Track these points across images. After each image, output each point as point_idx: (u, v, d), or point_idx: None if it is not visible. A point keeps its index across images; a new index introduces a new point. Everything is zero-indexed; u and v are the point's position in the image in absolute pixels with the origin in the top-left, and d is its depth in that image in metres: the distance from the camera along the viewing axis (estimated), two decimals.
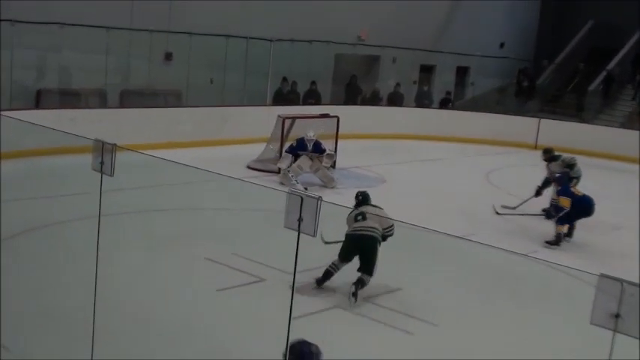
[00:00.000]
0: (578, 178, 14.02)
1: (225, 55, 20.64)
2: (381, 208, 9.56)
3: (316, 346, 4.97)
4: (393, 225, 9.28)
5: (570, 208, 11.96)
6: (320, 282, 9.05)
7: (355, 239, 9.06)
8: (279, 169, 15.39)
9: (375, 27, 24.85)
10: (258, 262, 9.50)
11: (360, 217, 9.15)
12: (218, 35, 19.95)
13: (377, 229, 9.09)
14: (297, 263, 5.09)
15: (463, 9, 28.44)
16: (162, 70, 19.93)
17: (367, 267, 8.92)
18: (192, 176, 10.72)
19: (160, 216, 11.88)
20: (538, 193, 14.18)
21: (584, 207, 12.10)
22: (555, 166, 14.10)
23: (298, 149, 15.28)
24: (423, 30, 26.52)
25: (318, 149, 15.38)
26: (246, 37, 20.60)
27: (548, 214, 12.87)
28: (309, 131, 15.42)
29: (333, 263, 9.07)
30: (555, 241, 11.97)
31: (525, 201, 14.16)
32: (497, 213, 14.00)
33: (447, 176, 17.15)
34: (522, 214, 13.81)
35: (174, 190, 12.74)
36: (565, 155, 14.60)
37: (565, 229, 12.21)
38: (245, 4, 21.07)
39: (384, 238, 9.19)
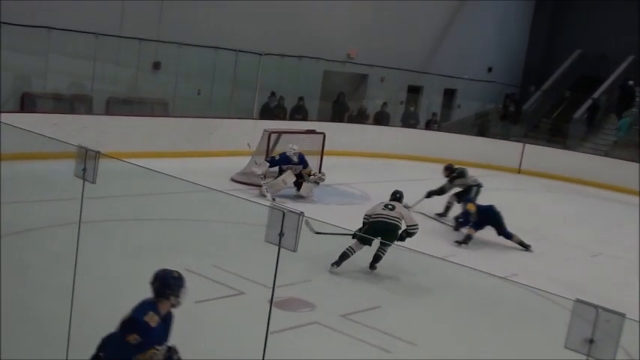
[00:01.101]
0: (478, 186, 15.13)
1: (213, 66, 20.65)
2: (409, 209, 11.44)
3: (178, 272, 5.48)
4: (417, 225, 10.70)
5: (477, 216, 13.12)
6: (338, 263, 10.21)
7: (379, 224, 10.46)
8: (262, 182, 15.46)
9: (364, 46, 24.95)
10: (238, 275, 9.47)
11: (390, 207, 10.71)
12: (207, 47, 19.98)
13: (400, 220, 10.52)
14: (277, 278, 5.08)
15: (453, 32, 28.62)
16: (149, 79, 19.91)
17: (386, 245, 10.28)
18: (175, 187, 10.69)
19: (140, 225, 11.81)
20: (429, 195, 15.41)
21: (489, 215, 13.23)
22: (458, 183, 15.20)
23: (282, 163, 15.26)
24: (412, 51, 26.65)
25: (302, 161, 15.45)
26: (235, 50, 20.62)
27: (457, 223, 13.94)
28: (293, 144, 15.44)
29: (350, 246, 10.24)
30: (464, 241, 13.02)
31: (418, 202, 15.17)
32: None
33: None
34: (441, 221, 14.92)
35: (156, 200, 12.68)
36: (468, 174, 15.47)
37: (474, 232, 13.11)
38: (236, 17, 21.12)
39: (409, 234, 10.57)
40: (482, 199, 14.18)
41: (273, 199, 14.32)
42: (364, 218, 10.84)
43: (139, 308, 5.28)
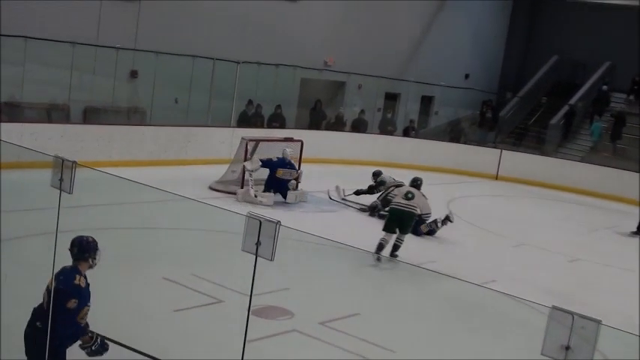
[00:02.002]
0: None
1: (190, 75, 20.61)
2: (426, 198, 12.69)
3: (92, 237, 5.96)
4: (430, 213, 13.03)
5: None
6: (378, 254, 11.59)
7: (398, 213, 11.99)
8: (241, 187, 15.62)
9: (341, 54, 24.99)
10: (216, 283, 9.46)
11: (410, 195, 12.13)
12: (184, 55, 19.94)
13: (416, 208, 12.15)
14: (255, 286, 5.08)
15: (429, 39, 28.72)
16: (126, 87, 19.84)
17: (404, 232, 11.92)
18: (152, 196, 10.66)
19: (118, 234, 11.75)
20: (358, 192, 16.68)
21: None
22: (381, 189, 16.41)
23: (278, 166, 15.58)
24: (389, 58, 26.72)
25: (292, 167, 15.86)
26: (212, 58, 20.59)
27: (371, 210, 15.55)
28: (288, 148, 15.95)
29: (383, 237, 11.74)
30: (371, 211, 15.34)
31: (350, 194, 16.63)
32: (331, 199, 16.49)
33: None
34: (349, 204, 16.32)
35: (134, 209, 12.63)
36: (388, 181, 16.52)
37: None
38: (213, 26, 21.11)
39: (422, 221, 12.93)
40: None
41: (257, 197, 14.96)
42: (390, 196, 13.15)
43: (66, 275, 5.74)
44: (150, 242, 11.62)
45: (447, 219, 14.27)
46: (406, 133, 25.82)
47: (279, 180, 15.60)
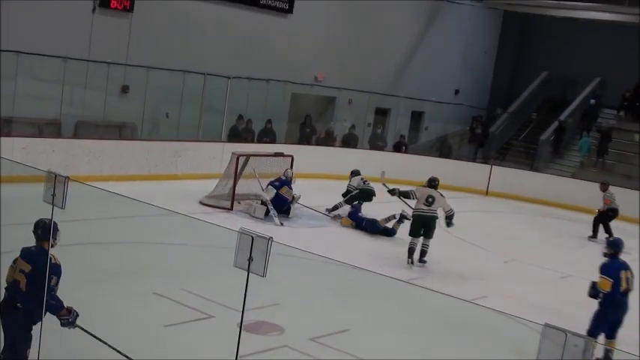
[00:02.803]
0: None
1: (181, 90, 20.63)
2: (444, 197, 13.43)
3: (53, 220, 6.25)
4: (452, 209, 13.43)
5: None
6: (410, 258, 13.07)
7: (422, 219, 13.14)
8: (231, 204, 15.71)
9: (332, 69, 25.06)
10: (207, 298, 9.45)
11: (430, 200, 13.11)
12: (175, 70, 19.97)
13: (436, 210, 13.16)
14: (247, 301, 5.09)
15: (420, 55, 28.83)
16: (118, 102, 19.84)
17: (428, 237, 13.14)
18: (143, 210, 10.67)
19: (109, 249, 11.76)
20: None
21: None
22: (354, 181, 17.26)
23: (285, 184, 15.96)
24: (379, 74, 26.81)
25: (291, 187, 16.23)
26: (203, 73, 20.63)
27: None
28: (288, 171, 16.44)
29: (411, 242, 13.11)
30: (333, 209, 16.60)
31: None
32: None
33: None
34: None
35: (125, 224, 12.62)
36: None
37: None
38: (204, 41, 21.16)
39: (449, 217, 13.40)
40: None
41: (282, 224, 15.22)
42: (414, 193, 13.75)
43: (41, 256, 6.24)
44: (140, 257, 11.61)
45: (402, 219, 15.12)
46: (397, 148, 25.86)
47: (281, 197, 15.84)
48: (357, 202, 16.88)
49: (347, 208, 16.77)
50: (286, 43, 23.59)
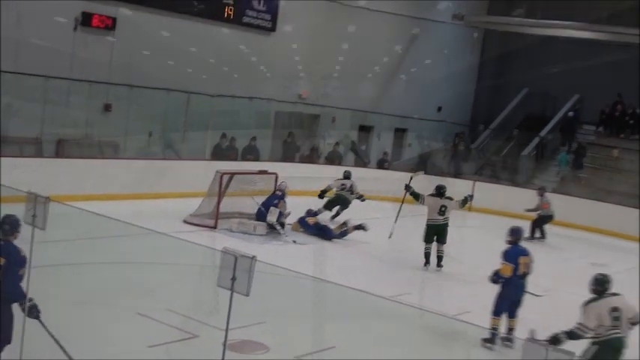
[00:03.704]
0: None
1: (165, 108, 20.59)
2: (452, 199, 14.66)
3: (15, 215, 6.72)
4: (462, 202, 14.92)
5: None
6: (426, 263, 14.42)
7: (436, 227, 14.36)
8: (215, 223, 15.72)
9: (315, 86, 25.10)
10: (191, 318, 9.38)
11: (443, 209, 14.35)
12: (158, 89, 19.93)
13: (449, 217, 14.46)
14: (231, 320, 5.06)
15: (402, 72, 28.93)
16: (100, 121, 19.76)
17: (443, 242, 14.43)
18: (126, 230, 10.62)
19: (92, 269, 11.66)
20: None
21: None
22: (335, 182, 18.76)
23: (281, 199, 16.29)
24: (362, 91, 26.85)
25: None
26: (186, 92, 20.60)
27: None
28: (283, 184, 16.70)
29: (426, 247, 14.39)
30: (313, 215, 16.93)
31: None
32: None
33: (382, 235, 17.17)
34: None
35: (107, 244, 12.54)
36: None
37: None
38: (186, 59, 21.15)
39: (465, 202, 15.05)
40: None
41: (294, 241, 15.66)
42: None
43: (10, 251, 6.61)
44: (124, 277, 11.52)
45: (360, 227, 16.16)
46: (381, 165, 25.90)
47: (281, 213, 16.07)
48: (337, 207, 18.12)
49: (327, 213, 17.75)
50: (269, 61, 23.62)
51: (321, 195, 18.15)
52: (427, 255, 14.42)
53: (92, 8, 19.09)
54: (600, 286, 8.31)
